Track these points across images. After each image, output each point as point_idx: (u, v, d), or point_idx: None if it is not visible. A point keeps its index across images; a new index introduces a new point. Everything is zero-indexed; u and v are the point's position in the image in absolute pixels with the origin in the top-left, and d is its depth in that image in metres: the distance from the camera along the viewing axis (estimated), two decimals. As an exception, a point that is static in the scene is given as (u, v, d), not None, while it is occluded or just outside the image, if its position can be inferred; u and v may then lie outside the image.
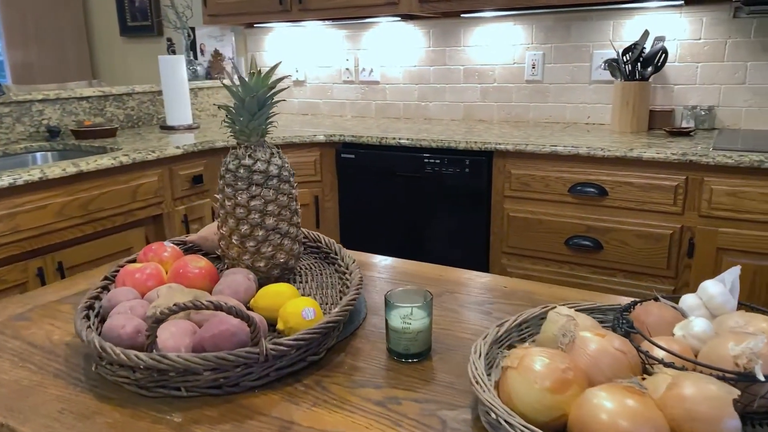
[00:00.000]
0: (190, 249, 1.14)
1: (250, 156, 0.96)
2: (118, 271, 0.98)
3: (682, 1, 2.19)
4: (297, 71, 3.23)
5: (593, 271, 2.04)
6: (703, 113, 2.28)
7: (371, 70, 3.01)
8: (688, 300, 0.76)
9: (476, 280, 1.08)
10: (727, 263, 1.82)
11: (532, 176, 2.07)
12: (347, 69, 3.08)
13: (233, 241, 0.97)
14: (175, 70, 2.60)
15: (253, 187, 0.95)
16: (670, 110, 2.32)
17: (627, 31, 2.40)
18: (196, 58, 3.21)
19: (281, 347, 0.73)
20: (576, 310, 0.85)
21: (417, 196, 2.29)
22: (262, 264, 0.98)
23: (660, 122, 2.33)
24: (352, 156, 2.40)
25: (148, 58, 3.76)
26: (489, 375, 0.69)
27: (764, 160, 1.71)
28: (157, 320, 0.68)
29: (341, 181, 2.47)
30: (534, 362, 0.61)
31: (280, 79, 0.96)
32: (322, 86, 3.19)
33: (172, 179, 2.19)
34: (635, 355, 0.64)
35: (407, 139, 2.27)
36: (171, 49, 3.18)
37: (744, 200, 1.77)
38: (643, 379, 0.61)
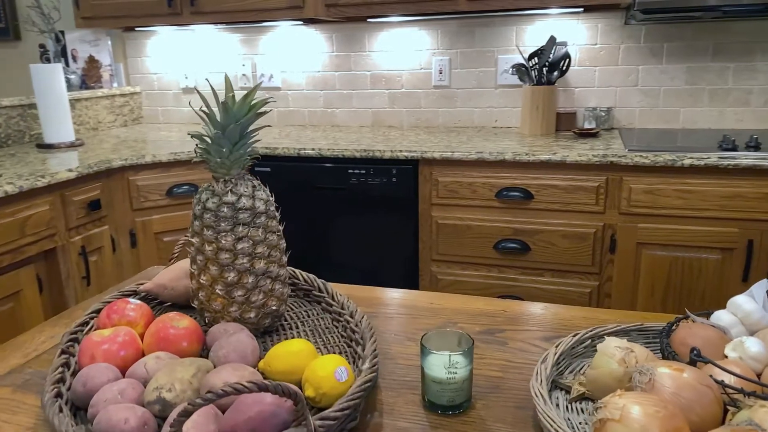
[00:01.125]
0: (144, 300, 0.98)
1: (232, 192, 0.83)
2: (72, 341, 0.80)
3: (581, 8, 2.30)
4: (186, 78, 2.99)
5: (522, 272, 2.09)
6: (603, 114, 2.42)
7: (271, 76, 2.86)
8: (723, 317, 0.77)
9: (474, 305, 1.03)
10: (646, 256, 1.94)
11: (460, 183, 2.07)
12: (244, 75, 2.90)
13: (217, 291, 0.83)
14: (52, 80, 2.29)
15: (240, 228, 0.82)
16: (573, 112, 2.44)
17: (529, 36, 2.48)
18: (68, 65, 2.86)
19: (329, 421, 0.62)
20: (606, 335, 0.83)
21: (342, 210, 2.21)
22: (252, 315, 0.85)
23: (565, 124, 2.44)
24: (267, 169, 2.25)
25: (1, 67, 3.29)
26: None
27: (676, 159, 1.83)
28: (187, 413, 0.55)
29: (255, 196, 2.31)
30: (636, 411, 0.56)
31: (265, 101, 0.84)
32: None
33: (65, 207, 1.91)
34: (718, 388, 0.62)
35: (328, 150, 2.17)
36: (45, 57, 2.80)
37: (660, 197, 1.88)
38: (733, 411, 0.59)
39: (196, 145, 0.83)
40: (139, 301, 0.85)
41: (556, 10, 2.34)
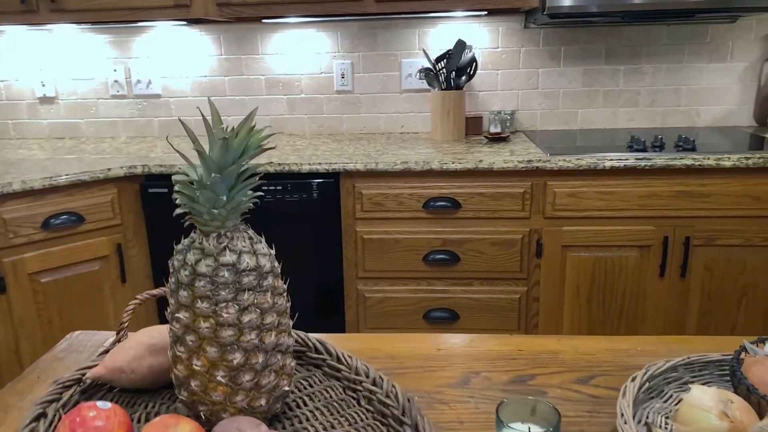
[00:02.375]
0: (95, 390, 0.75)
1: (229, 249, 0.65)
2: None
3: (485, 12, 2.29)
4: (44, 85, 2.57)
5: (451, 283, 2.03)
6: (507, 117, 2.44)
7: (149, 82, 2.54)
8: (781, 346, 0.73)
9: (485, 346, 0.92)
10: (570, 258, 1.97)
11: (385, 195, 1.96)
12: (116, 81, 2.55)
13: (218, 378, 0.64)
14: None
15: (245, 295, 0.64)
16: (480, 116, 2.43)
17: (431, 39, 2.43)
18: None
19: None
20: (661, 372, 0.76)
21: (256, 230, 1.99)
22: (263, 401, 0.67)
23: (472, 128, 2.42)
24: (164, 190, 1.98)
25: None
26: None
27: (597, 162, 1.87)
28: None
29: (150, 222, 2.02)
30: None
31: (268, 135, 0.66)
32: (81, 103, 2.59)
33: None
34: None
35: (235, 166, 1.95)
36: None
37: (582, 200, 1.92)
38: None
39: (176, 193, 0.64)
40: (108, 404, 0.63)
41: (460, 14, 2.31)
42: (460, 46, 2.22)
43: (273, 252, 0.70)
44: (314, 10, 2.12)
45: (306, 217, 1.98)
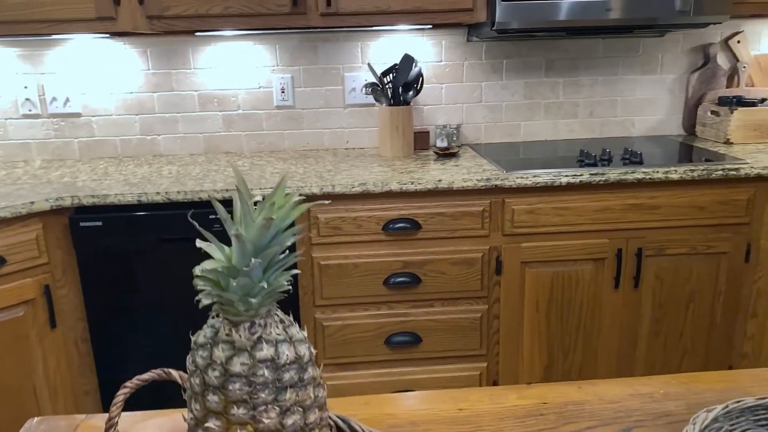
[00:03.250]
0: None
1: (265, 341, 0.55)
2: None
3: (430, 25, 2.25)
4: (-61, 105, 2.27)
5: (412, 305, 1.97)
6: (453, 131, 2.42)
7: (66, 100, 2.31)
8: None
9: (506, 400, 0.86)
10: (529, 274, 1.97)
11: (343, 219, 1.87)
12: (27, 99, 2.30)
13: (257, 495, 0.54)
14: None
15: (287, 394, 0.55)
16: (426, 131, 2.39)
17: (374, 52, 2.36)
18: None
19: None
20: (707, 426, 0.74)
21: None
22: None
23: (420, 143, 2.38)
24: (98, 223, 1.79)
25: None
26: None
27: (554, 179, 1.88)
28: None
29: (82, 259, 1.82)
30: None
31: (308, 203, 0.57)
32: (-13, 124, 2.32)
33: None
34: None
35: (179, 193, 1.80)
36: None
37: (540, 216, 1.92)
38: None
39: (198, 280, 0.53)
40: None
41: (404, 27, 2.26)
42: (408, 61, 2.17)
43: (305, 333, 0.61)
44: (254, 24, 2.00)
45: (258, 246, 1.86)
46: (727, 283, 2.03)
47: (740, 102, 2.33)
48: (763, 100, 2.35)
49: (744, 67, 2.45)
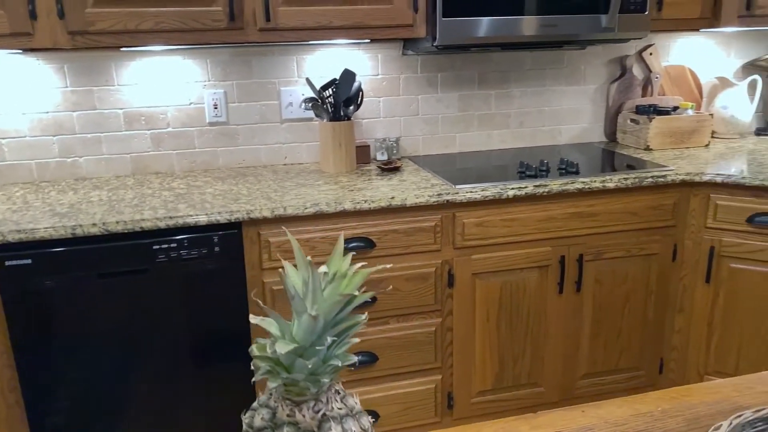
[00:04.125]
0: None
1: (331, 419, 0.51)
2: None
3: (368, 40, 2.24)
4: None
5: (368, 324, 1.95)
6: (393, 145, 2.42)
7: (-29, 121, 2.09)
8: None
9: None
10: (480, 285, 2.00)
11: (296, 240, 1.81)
12: (-77, 121, 2.06)
13: None
14: None
15: (358, 472, 0.52)
16: (367, 145, 2.37)
17: (310, 66, 2.32)
18: None
19: None
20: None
21: (146, 297, 1.73)
22: None
23: (361, 157, 2.36)
24: (27, 261, 1.63)
25: None
26: None
27: (501, 191, 1.92)
28: None
29: (10, 302, 1.65)
30: None
31: (370, 267, 0.54)
32: None
33: None
34: None
35: (118, 223, 1.67)
36: None
37: (489, 228, 1.96)
38: None
39: (258, 360, 0.49)
40: None
41: (341, 41, 2.23)
42: (349, 76, 2.14)
43: (358, 400, 0.58)
44: (188, 39, 1.90)
45: (205, 274, 1.76)
46: (658, 281, 2.17)
47: (656, 110, 2.50)
48: (675, 108, 2.53)
49: (656, 77, 2.63)
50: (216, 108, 2.27)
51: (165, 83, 2.21)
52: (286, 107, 2.33)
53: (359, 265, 0.52)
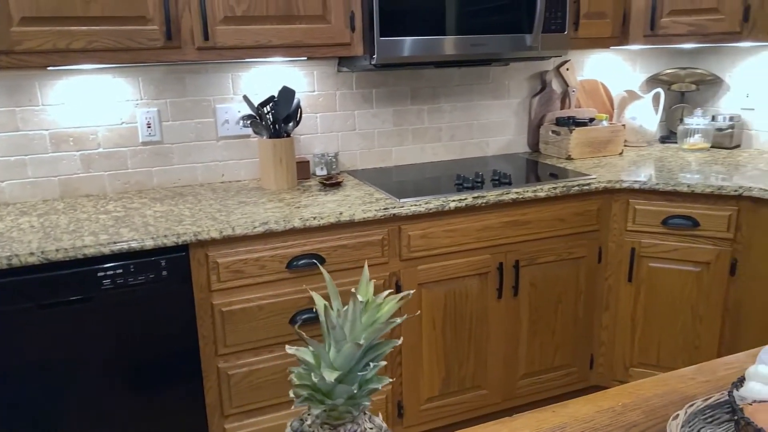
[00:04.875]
0: None
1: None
2: None
3: (305, 57, 2.26)
4: None
5: (319, 340, 1.97)
6: (332, 160, 2.45)
7: None
8: (755, 388, 0.89)
9: (496, 437, 0.92)
10: (425, 294, 2.07)
11: (245, 261, 1.81)
12: None
13: None
14: None
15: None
16: (306, 161, 2.39)
17: (246, 82, 2.31)
18: None
19: None
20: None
21: (91, 326, 1.66)
22: None
23: (301, 173, 2.38)
24: (-44, 295, 1.52)
25: None
26: None
27: (444, 203, 2.00)
28: None
29: (-65, 337, 1.54)
30: None
31: (398, 293, 0.57)
32: None
33: None
34: None
35: (58, 250, 1.60)
36: None
37: (432, 239, 2.03)
38: None
39: (298, 389, 0.52)
40: None
41: (278, 59, 2.24)
42: (288, 93, 2.16)
43: (381, 419, 0.61)
44: (123, 59, 1.85)
45: (153, 299, 1.72)
46: (586, 282, 2.32)
47: (575, 122, 2.68)
48: (591, 120, 2.73)
49: (573, 90, 2.83)
50: (149, 127, 2.21)
51: (95, 102, 2.13)
52: (222, 124, 2.31)
53: (387, 292, 0.55)
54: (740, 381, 0.92)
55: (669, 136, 3.01)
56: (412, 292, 0.64)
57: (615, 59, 2.93)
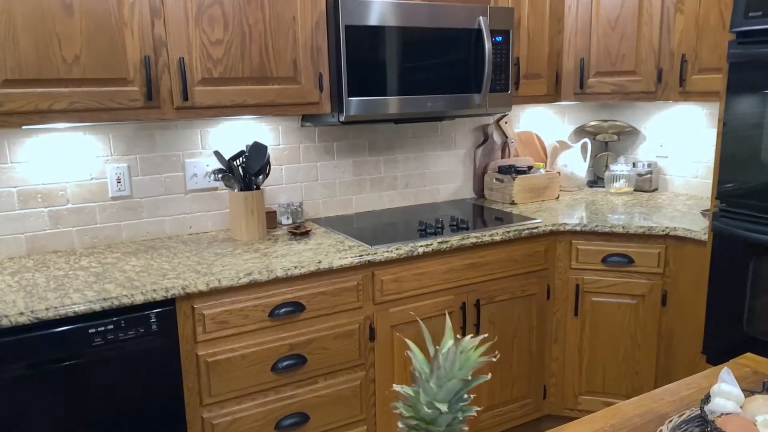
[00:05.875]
0: None
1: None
2: None
3: (270, 115, 2.38)
4: None
5: (298, 385, 2.04)
6: (298, 209, 2.56)
7: None
8: (726, 405, 1.08)
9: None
10: (397, 337, 2.20)
11: (229, 311, 1.87)
12: None
13: None
14: None
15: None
16: (273, 210, 2.48)
17: (213, 137, 2.40)
18: None
19: None
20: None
21: (81, 386, 1.66)
22: None
23: (269, 223, 2.46)
24: (-57, 360, 1.50)
25: None
26: None
27: (413, 249, 2.15)
28: None
29: None
30: None
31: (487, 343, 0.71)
32: None
33: None
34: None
35: (48, 309, 1.60)
36: None
37: (403, 282, 2.17)
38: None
39: (407, 423, 0.64)
40: None
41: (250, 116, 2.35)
42: (261, 148, 2.26)
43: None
44: (103, 118, 1.90)
45: (142, 355, 1.74)
46: (537, 318, 2.53)
47: (516, 170, 2.94)
48: (530, 168, 3.00)
49: (511, 141, 3.09)
50: (119, 182, 2.24)
51: (65, 159, 2.14)
52: (190, 178, 2.37)
53: (479, 338, 0.68)
54: (707, 398, 1.11)
55: (596, 180, 3.33)
56: (496, 355, 0.77)
57: (547, 113, 3.24)
